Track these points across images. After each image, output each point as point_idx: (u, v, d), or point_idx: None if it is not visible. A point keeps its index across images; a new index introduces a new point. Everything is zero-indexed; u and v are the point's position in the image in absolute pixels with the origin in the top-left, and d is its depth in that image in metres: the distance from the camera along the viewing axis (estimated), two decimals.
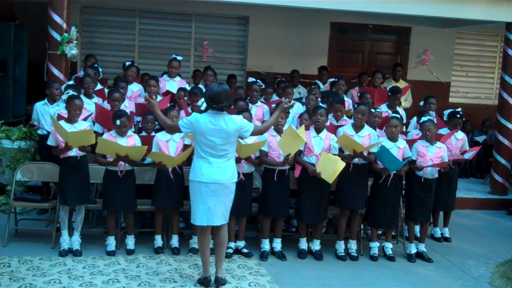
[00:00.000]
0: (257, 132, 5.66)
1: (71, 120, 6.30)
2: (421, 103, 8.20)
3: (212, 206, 5.47)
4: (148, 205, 6.62)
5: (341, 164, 6.25)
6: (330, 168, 6.22)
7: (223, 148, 5.42)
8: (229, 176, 5.51)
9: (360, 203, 6.78)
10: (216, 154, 5.42)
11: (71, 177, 6.27)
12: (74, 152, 6.23)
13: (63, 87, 7.23)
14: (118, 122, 6.27)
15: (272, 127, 6.42)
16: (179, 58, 8.38)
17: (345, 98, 8.46)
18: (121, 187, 6.35)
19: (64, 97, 6.43)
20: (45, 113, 7.28)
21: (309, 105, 7.71)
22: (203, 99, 6.18)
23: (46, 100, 7.37)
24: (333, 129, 6.85)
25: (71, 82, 7.46)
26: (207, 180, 5.42)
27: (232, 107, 6.23)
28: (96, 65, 8.26)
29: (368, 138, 6.60)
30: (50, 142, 6.34)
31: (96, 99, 7.43)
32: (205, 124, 5.37)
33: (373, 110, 7.03)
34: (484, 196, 9.81)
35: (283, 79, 9.14)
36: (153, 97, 7.07)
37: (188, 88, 7.53)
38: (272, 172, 6.48)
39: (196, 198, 5.53)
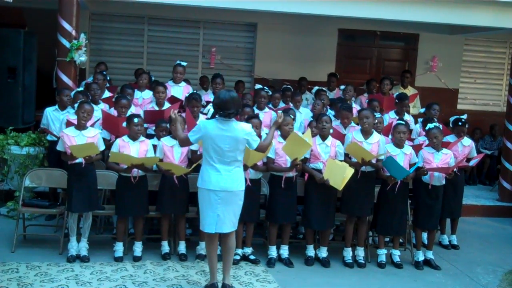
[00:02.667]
0: (260, 148, 5.62)
1: (80, 125, 6.33)
2: (422, 110, 8.21)
3: (221, 213, 5.47)
4: (154, 211, 6.63)
5: (350, 171, 6.24)
6: (339, 175, 6.21)
7: (232, 154, 5.42)
8: (237, 183, 5.50)
9: (366, 210, 6.76)
10: (224, 161, 5.42)
11: (77, 184, 6.30)
12: (80, 159, 6.26)
13: (72, 93, 7.27)
14: (136, 120, 6.31)
15: (279, 133, 6.45)
16: (184, 63, 8.41)
17: (354, 105, 8.47)
18: (134, 193, 6.38)
19: (76, 105, 6.46)
20: (55, 119, 7.32)
21: (315, 109, 7.72)
22: (208, 106, 6.19)
23: (57, 106, 7.42)
24: (341, 136, 6.85)
25: (80, 89, 7.50)
26: (215, 188, 5.42)
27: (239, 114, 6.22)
28: (104, 73, 8.32)
29: (377, 145, 6.59)
30: (59, 147, 6.38)
31: (103, 106, 7.48)
32: (214, 129, 5.38)
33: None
34: (492, 203, 9.76)
35: (289, 86, 9.15)
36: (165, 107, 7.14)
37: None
38: (280, 179, 6.48)
39: (205, 206, 5.53)
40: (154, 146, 6.54)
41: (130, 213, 6.55)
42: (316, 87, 8.98)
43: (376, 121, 6.94)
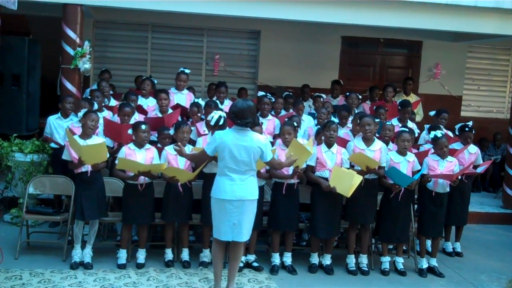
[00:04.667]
0: (271, 164, 5.66)
1: (85, 134, 6.31)
2: (432, 113, 8.18)
3: (237, 222, 5.48)
4: (158, 219, 6.63)
5: (358, 178, 6.23)
6: (346, 182, 6.20)
7: (247, 164, 5.43)
8: (252, 192, 5.52)
9: (369, 218, 6.76)
10: (239, 170, 5.42)
11: (86, 192, 6.29)
12: (85, 168, 6.26)
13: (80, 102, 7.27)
14: (143, 127, 6.31)
15: (281, 140, 6.45)
16: (187, 71, 8.43)
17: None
18: (140, 200, 6.39)
19: (80, 114, 6.47)
20: (59, 126, 7.34)
21: (321, 119, 7.72)
22: (212, 114, 6.20)
23: (59, 114, 7.43)
24: (343, 143, 6.85)
25: (85, 96, 7.51)
26: (231, 198, 5.43)
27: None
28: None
29: (379, 152, 6.59)
30: (64, 156, 6.36)
31: (107, 113, 7.50)
32: (230, 139, 5.39)
33: (382, 123, 7.03)
34: (496, 210, 9.74)
35: (290, 93, 9.16)
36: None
37: (201, 102, 7.56)
38: (281, 186, 6.49)
39: (220, 215, 5.52)
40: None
41: (137, 221, 6.56)
42: (316, 94, 9.01)
43: (387, 129, 6.97)
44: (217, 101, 7.98)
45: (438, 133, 6.83)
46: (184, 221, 6.59)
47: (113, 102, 8.03)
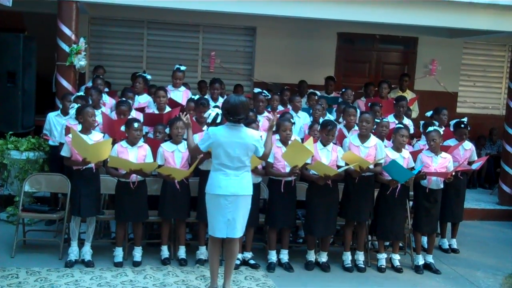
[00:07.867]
0: (264, 157, 5.64)
1: (87, 129, 6.25)
2: (428, 113, 8.17)
3: (231, 217, 5.47)
4: (155, 216, 6.63)
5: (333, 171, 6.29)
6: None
7: (240, 160, 5.42)
8: (246, 187, 5.51)
9: (365, 215, 6.75)
10: (233, 166, 5.42)
11: (86, 188, 6.25)
12: (89, 164, 6.21)
13: (72, 98, 7.25)
14: (136, 125, 6.28)
15: (278, 138, 6.44)
16: (183, 68, 8.39)
17: None
18: (133, 198, 6.37)
19: (72, 111, 6.44)
20: (58, 124, 7.31)
21: (316, 115, 7.72)
22: (210, 111, 6.19)
23: (59, 111, 7.40)
24: (340, 140, 6.84)
25: (80, 93, 7.50)
26: (225, 193, 5.42)
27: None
28: (101, 77, 8.32)
29: (374, 148, 6.58)
30: (64, 152, 6.29)
31: (104, 109, 7.48)
32: (223, 136, 5.38)
33: (378, 120, 7.02)
34: (492, 207, 9.77)
35: (287, 87, 9.12)
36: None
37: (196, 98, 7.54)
38: (278, 183, 6.48)
39: (214, 211, 5.52)
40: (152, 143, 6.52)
41: (130, 219, 6.53)
42: (310, 90, 9.01)
43: (383, 126, 6.96)
44: (209, 98, 7.98)
45: (432, 128, 6.85)
46: (182, 218, 6.57)
47: (107, 99, 8.00)
